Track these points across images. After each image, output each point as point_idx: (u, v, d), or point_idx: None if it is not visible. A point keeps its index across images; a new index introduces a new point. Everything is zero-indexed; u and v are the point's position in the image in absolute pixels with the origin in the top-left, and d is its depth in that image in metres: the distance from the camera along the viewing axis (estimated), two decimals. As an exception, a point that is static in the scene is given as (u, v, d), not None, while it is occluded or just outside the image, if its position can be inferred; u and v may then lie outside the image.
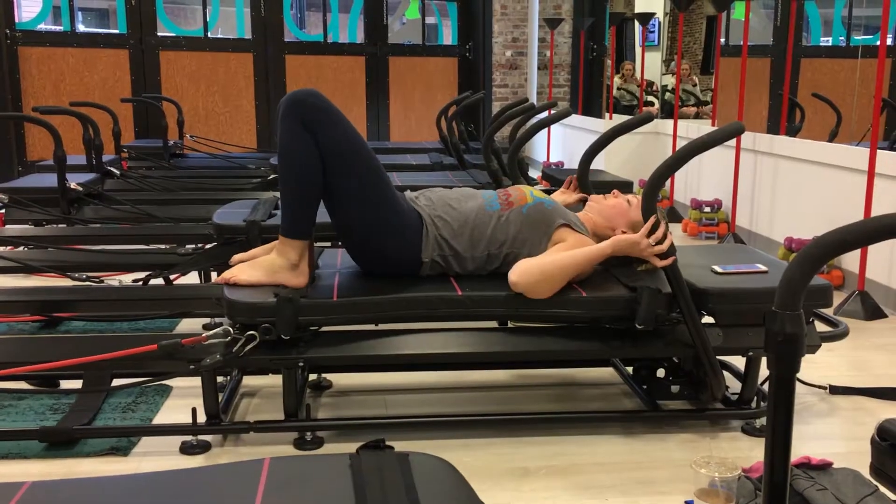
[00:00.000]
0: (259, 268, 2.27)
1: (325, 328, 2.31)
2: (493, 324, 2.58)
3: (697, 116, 7.00)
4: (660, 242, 2.21)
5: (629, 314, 2.22)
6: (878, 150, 3.61)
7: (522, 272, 2.22)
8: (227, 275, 2.29)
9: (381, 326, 2.32)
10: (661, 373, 2.54)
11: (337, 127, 2.22)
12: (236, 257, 2.44)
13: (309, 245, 2.33)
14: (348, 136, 2.24)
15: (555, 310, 2.25)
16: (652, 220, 2.21)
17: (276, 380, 2.43)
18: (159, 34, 8.02)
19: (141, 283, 3.41)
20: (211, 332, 2.20)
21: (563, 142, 8.06)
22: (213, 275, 3.40)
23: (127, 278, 3.55)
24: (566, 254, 2.27)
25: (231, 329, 2.17)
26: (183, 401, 2.52)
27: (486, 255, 2.35)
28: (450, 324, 2.34)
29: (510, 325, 2.51)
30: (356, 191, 2.25)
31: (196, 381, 2.24)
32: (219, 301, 2.28)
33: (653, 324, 2.21)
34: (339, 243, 2.66)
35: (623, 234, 2.22)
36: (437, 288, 2.27)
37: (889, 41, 4.41)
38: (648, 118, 2.64)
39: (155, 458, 2.19)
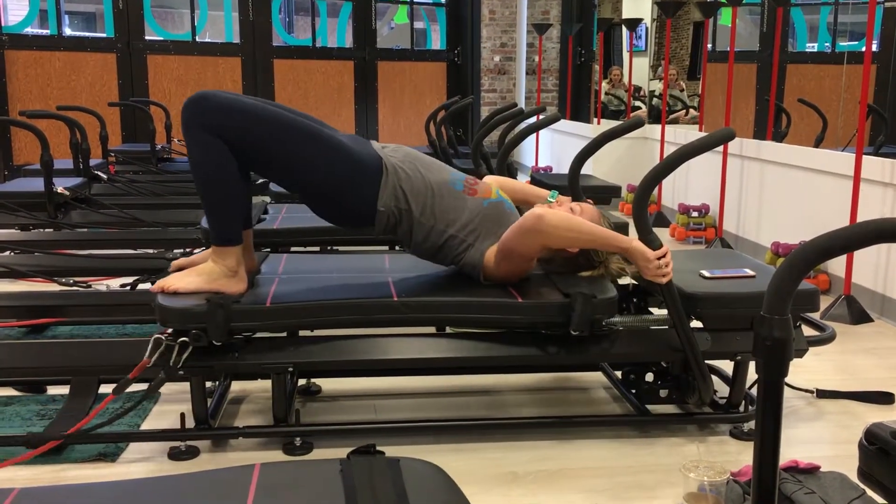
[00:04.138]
0: (197, 275, 2.21)
1: (313, 332, 2.31)
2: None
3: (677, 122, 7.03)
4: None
5: (565, 320, 2.22)
6: (864, 156, 3.64)
7: (549, 211, 2.21)
8: (164, 282, 2.21)
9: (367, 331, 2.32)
10: (649, 377, 2.54)
11: (240, 118, 2.12)
12: (176, 263, 2.37)
13: (247, 250, 2.32)
14: (258, 117, 2.14)
15: (490, 315, 2.24)
16: (665, 248, 2.19)
17: (265, 385, 2.43)
18: (147, 38, 7.99)
19: (129, 287, 3.39)
20: (148, 350, 2.11)
21: (551, 147, 8.09)
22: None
23: (115, 283, 3.53)
24: (590, 223, 2.27)
25: (162, 338, 2.11)
26: (171, 406, 2.51)
27: (431, 226, 2.30)
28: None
29: (448, 330, 2.50)
30: (293, 160, 2.17)
31: (185, 387, 2.23)
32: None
33: (587, 329, 2.21)
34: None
35: (641, 244, 2.20)
36: (372, 293, 2.25)
37: (874, 47, 4.45)
38: (639, 123, 2.65)
39: (143, 463, 2.18)
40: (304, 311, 2.18)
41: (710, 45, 6.47)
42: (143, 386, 2.64)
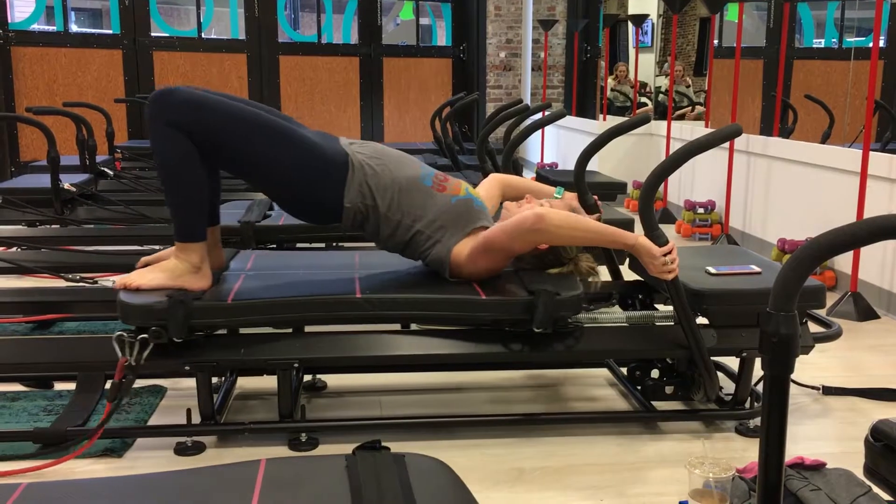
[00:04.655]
0: (160, 271, 2.19)
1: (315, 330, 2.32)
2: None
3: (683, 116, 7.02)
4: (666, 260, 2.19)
5: (529, 317, 2.20)
6: (871, 152, 3.63)
7: (550, 210, 2.21)
8: (126, 279, 2.19)
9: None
10: (655, 374, 2.54)
11: (205, 114, 2.11)
12: (143, 260, 2.35)
13: (214, 247, 2.31)
14: (223, 113, 2.13)
15: (453, 312, 2.22)
16: (671, 245, 2.18)
17: (271, 381, 2.43)
18: (153, 34, 8.00)
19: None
20: (117, 349, 2.10)
21: (556, 143, 8.08)
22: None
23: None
24: (592, 220, 2.27)
25: (124, 335, 2.09)
26: (177, 402, 2.52)
27: (398, 222, 2.29)
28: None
29: (414, 326, 2.48)
30: (258, 157, 2.17)
31: (191, 382, 2.24)
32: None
33: (551, 327, 2.20)
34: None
35: (647, 240, 2.19)
36: (335, 290, 2.24)
37: (881, 43, 4.43)
38: (646, 119, 2.64)
39: (150, 459, 2.19)
40: (265, 307, 2.16)
41: (716, 41, 6.46)
42: (143, 382, 2.65)
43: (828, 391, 2.67)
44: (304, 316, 2.22)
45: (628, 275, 2.66)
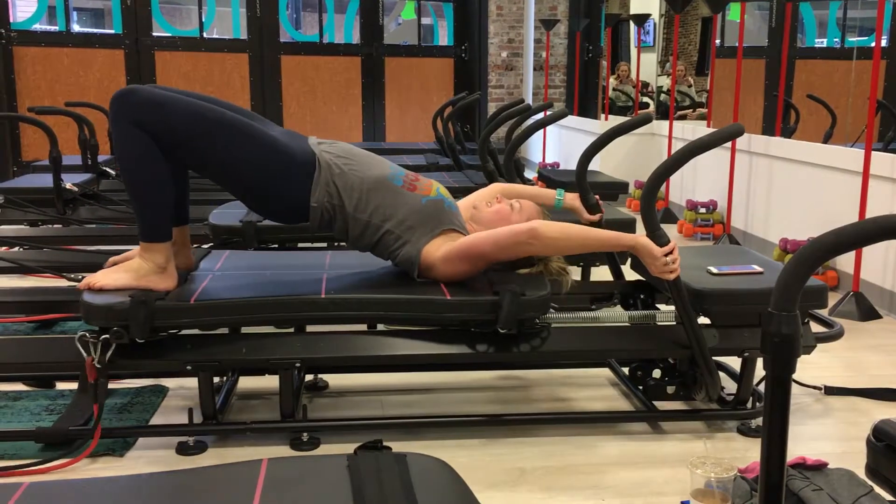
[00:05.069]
0: (124, 271, 2.17)
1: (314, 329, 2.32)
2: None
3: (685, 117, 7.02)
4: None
5: (495, 318, 2.19)
6: (873, 152, 3.63)
7: (543, 223, 2.21)
8: (90, 279, 2.17)
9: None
10: (657, 374, 2.54)
11: (168, 113, 2.09)
12: (111, 260, 2.33)
13: (183, 247, 2.30)
14: (186, 113, 2.10)
15: (419, 313, 2.21)
16: (673, 244, 2.17)
17: (272, 381, 2.43)
18: (155, 34, 8.01)
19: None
20: (82, 350, 2.08)
21: (558, 143, 8.07)
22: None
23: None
24: (587, 227, 2.26)
25: (87, 336, 2.08)
26: (179, 401, 2.52)
27: (367, 221, 2.27)
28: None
29: (381, 327, 2.47)
30: (222, 157, 2.15)
31: (193, 382, 2.24)
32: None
33: (515, 327, 2.19)
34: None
35: (648, 240, 2.19)
36: (301, 290, 2.23)
37: (884, 43, 4.43)
38: (648, 119, 2.64)
39: (151, 458, 2.19)
40: (228, 308, 2.15)
41: (718, 41, 6.45)
42: (144, 382, 2.66)
43: (830, 391, 2.67)
44: (267, 316, 2.20)
45: (630, 275, 2.66)
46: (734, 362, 2.48)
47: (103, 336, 2.07)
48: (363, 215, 2.27)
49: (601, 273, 3.18)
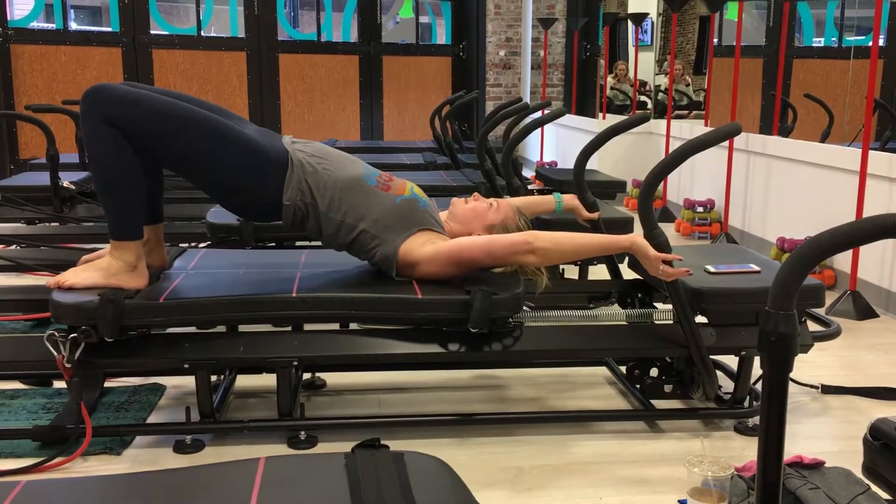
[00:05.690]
0: (94, 270, 2.16)
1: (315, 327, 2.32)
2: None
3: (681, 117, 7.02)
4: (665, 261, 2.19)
5: (465, 316, 2.18)
6: (870, 151, 3.63)
7: (538, 234, 2.23)
8: (60, 277, 2.15)
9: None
10: (654, 372, 2.54)
11: (138, 111, 2.07)
12: (84, 258, 2.32)
13: (156, 245, 2.29)
14: (157, 110, 2.09)
15: (390, 312, 2.20)
16: (674, 256, 2.16)
17: (270, 379, 2.43)
18: (152, 32, 8.00)
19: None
20: (51, 348, 2.07)
21: (556, 141, 8.08)
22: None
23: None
24: (580, 234, 2.27)
25: (56, 334, 2.06)
26: (177, 400, 2.52)
27: (340, 221, 2.26)
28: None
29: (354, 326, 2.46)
30: (194, 154, 2.14)
31: (190, 380, 2.24)
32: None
33: (486, 326, 2.18)
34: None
35: (644, 240, 2.19)
36: (272, 289, 2.22)
37: (881, 42, 4.43)
38: (644, 118, 2.64)
39: (149, 457, 2.19)
40: (198, 307, 2.14)
41: (716, 40, 6.46)
42: (144, 380, 2.66)
43: (826, 390, 2.67)
44: (238, 315, 2.19)
45: (628, 274, 2.66)
46: (731, 361, 2.48)
47: (72, 335, 2.05)
48: (337, 215, 2.26)
49: (599, 272, 3.19)
